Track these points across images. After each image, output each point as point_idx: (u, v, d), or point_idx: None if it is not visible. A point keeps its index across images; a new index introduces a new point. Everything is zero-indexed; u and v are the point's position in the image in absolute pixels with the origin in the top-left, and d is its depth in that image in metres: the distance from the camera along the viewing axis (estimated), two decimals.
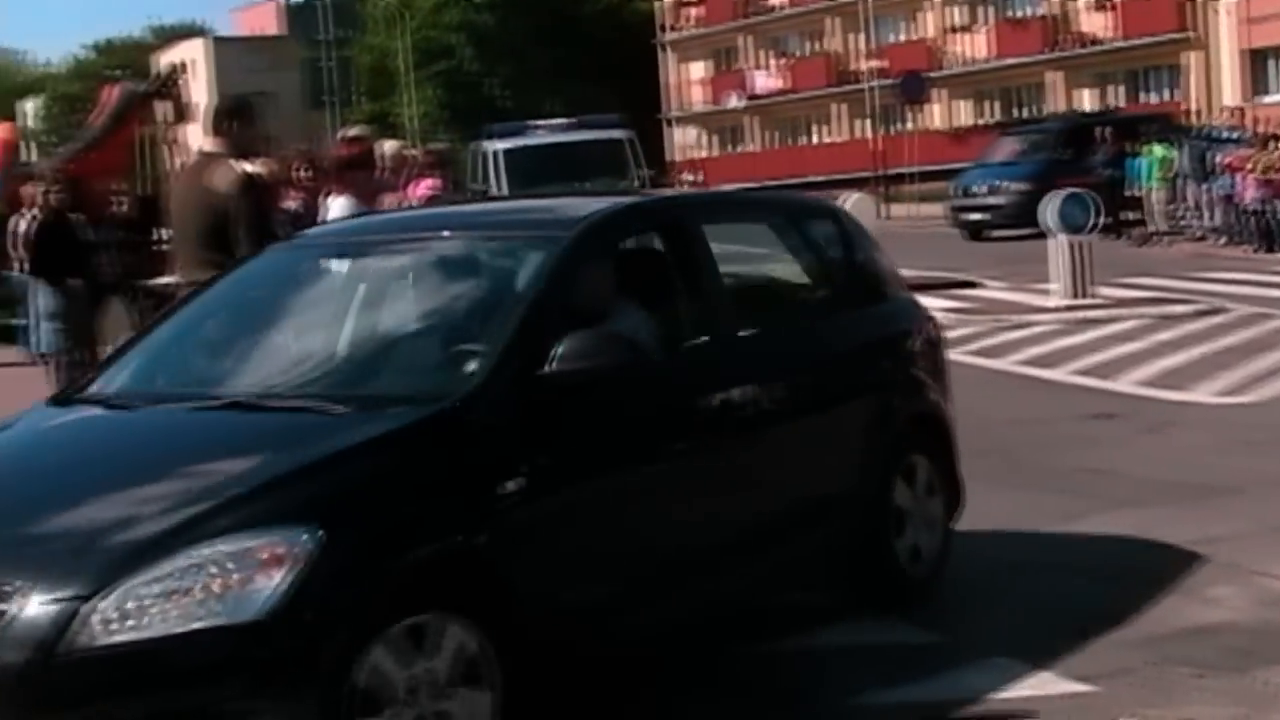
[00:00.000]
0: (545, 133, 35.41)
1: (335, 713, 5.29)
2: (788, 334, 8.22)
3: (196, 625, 5.16)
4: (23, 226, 19.21)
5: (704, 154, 76.24)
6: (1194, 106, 49.57)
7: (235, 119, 9.69)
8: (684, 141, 78.64)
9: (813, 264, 8.69)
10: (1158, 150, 33.82)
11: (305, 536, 5.35)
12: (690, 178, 60.65)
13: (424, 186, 12.20)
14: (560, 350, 6.24)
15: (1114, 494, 10.50)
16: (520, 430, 6.20)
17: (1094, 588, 8.39)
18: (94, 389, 7.12)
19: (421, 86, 75.06)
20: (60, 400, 7.35)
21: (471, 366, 6.39)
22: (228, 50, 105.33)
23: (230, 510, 5.48)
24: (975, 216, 38.77)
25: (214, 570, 5.23)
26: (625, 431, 6.74)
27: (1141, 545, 9.11)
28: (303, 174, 12.43)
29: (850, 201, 21.74)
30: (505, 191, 30.27)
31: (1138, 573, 8.53)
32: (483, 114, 76.92)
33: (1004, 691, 6.81)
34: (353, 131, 13.18)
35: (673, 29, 76.56)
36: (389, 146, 14.00)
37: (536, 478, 6.11)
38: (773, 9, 70.80)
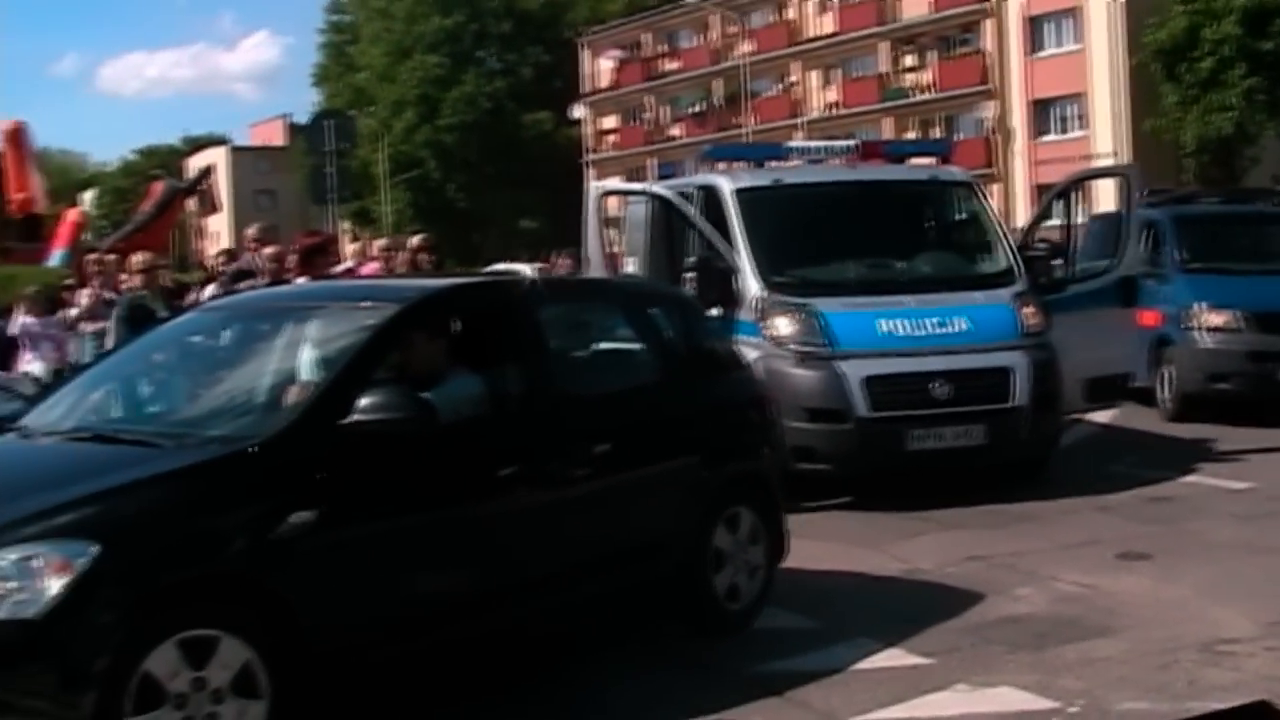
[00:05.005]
0: (811, 161, 13.63)
1: (110, 710, 4.95)
2: (620, 400, 7.46)
3: None
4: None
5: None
6: None
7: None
8: None
9: (652, 341, 8.02)
10: None
11: (84, 551, 5.04)
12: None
13: (367, 268, 11.98)
14: (360, 404, 5.85)
15: (947, 519, 10.55)
16: (319, 471, 5.72)
17: (930, 589, 8.56)
18: (25, 419, 6.66)
19: (395, 189, 75.25)
20: None
21: (285, 414, 6.00)
22: (243, 157, 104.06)
23: (27, 524, 5.15)
24: None
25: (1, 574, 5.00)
26: (435, 476, 6.20)
27: (965, 557, 9.29)
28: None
29: None
30: (750, 264, 11.73)
31: (962, 577, 8.74)
32: (443, 212, 77.19)
33: (864, 663, 6.99)
34: (253, 230, 12.57)
35: (594, 151, 76.96)
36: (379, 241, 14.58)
37: (331, 513, 5.66)
38: (672, 138, 71.37)
